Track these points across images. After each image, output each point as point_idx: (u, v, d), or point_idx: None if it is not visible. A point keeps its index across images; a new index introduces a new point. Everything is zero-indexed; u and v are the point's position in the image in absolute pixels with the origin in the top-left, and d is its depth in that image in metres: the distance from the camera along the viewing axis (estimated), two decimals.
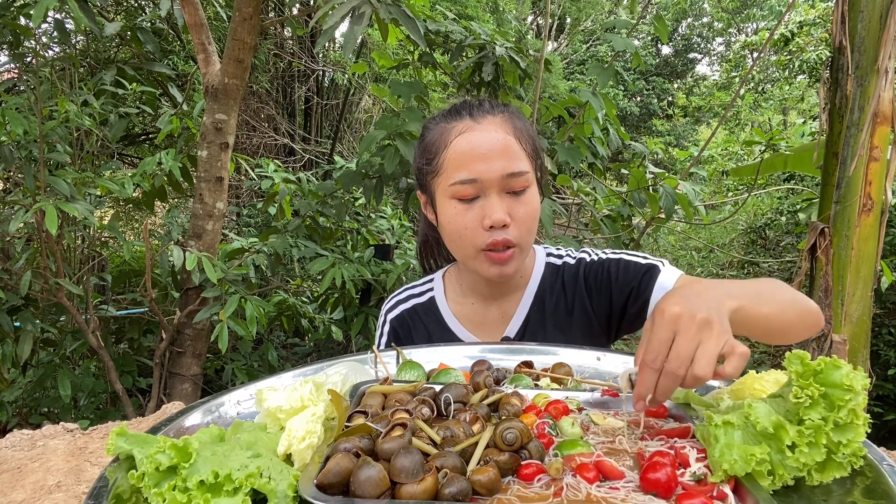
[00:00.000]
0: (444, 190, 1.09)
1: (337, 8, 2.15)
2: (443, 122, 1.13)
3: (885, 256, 3.74)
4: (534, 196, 1.10)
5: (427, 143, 1.14)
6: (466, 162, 1.06)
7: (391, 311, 1.30)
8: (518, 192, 1.07)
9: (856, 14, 2.20)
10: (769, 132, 3.76)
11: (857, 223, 2.20)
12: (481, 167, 1.05)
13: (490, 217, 1.05)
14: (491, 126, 1.08)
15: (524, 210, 1.08)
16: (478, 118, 1.09)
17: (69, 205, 2.37)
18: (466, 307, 1.25)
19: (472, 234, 1.08)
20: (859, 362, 2.25)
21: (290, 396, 0.70)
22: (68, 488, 0.83)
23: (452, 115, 1.13)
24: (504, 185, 1.06)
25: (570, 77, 12.64)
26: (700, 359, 0.67)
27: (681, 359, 0.67)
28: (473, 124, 1.09)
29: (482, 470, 0.57)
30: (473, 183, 1.06)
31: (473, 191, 1.06)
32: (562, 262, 1.24)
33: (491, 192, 1.06)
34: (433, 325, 1.25)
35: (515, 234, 1.07)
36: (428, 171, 1.13)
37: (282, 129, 6.58)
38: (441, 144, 1.10)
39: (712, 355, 0.67)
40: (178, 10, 3.02)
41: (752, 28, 15.62)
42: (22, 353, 2.65)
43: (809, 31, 8.32)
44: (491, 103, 1.14)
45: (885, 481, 0.57)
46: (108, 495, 0.56)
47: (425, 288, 1.31)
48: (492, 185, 1.06)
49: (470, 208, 1.07)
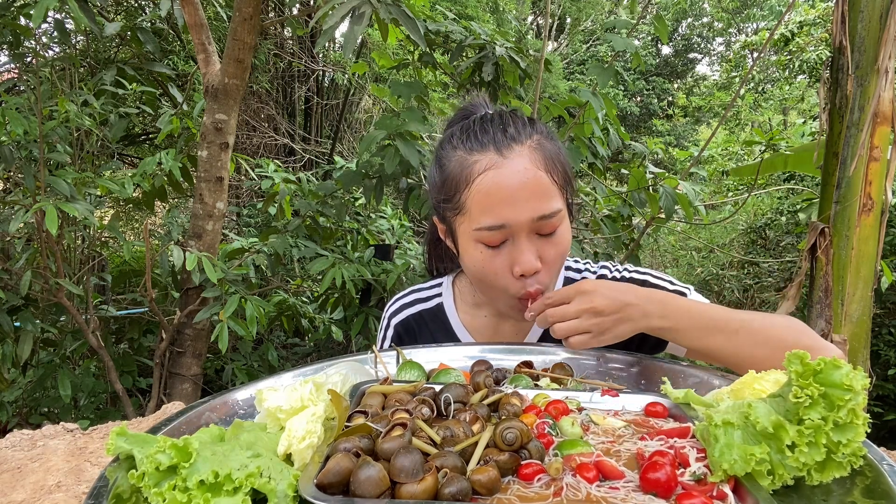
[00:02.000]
0: (468, 233, 1.00)
1: (337, 8, 2.15)
2: (463, 151, 1.01)
3: (885, 256, 3.74)
4: (565, 233, 1.02)
5: (447, 177, 1.02)
6: (492, 205, 0.96)
7: (395, 316, 1.24)
8: (549, 234, 1.00)
9: (856, 14, 2.20)
10: (769, 132, 3.76)
11: (858, 223, 2.20)
12: (509, 212, 0.96)
13: (520, 265, 0.98)
14: (519, 160, 0.97)
15: (555, 251, 1.00)
16: (504, 151, 0.98)
17: (69, 205, 2.37)
18: (479, 319, 1.20)
19: (503, 281, 1.01)
20: (859, 362, 2.25)
21: (290, 396, 0.70)
22: (68, 488, 0.83)
23: (474, 143, 1.00)
24: (534, 228, 0.98)
25: (570, 77, 12.64)
26: (578, 334, 0.89)
27: (565, 317, 0.92)
28: (499, 160, 0.97)
29: (482, 470, 0.57)
30: (501, 229, 0.97)
31: (501, 237, 0.98)
32: (580, 276, 1.18)
33: (520, 236, 0.98)
34: (440, 333, 1.20)
35: (546, 278, 1.01)
36: (447, 207, 1.03)
37: (282, 129, 6.58)
38: (462, 181, 0.99)
39: (589, 336, 0.89)
40: (178, 10, 3.02)
41: (752, 28, 15.63)
42: (22, 353, 2.65)
43: (809, 31, 8.32)
44: (517, 125, 1.02)
45: (884, 481, 0.57)
46: (108, 495, 0.56)
47: (433, 293, 1.25)
48: (521, 228, 0.97)
49: (498, 254, 0.99)
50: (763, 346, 0.90)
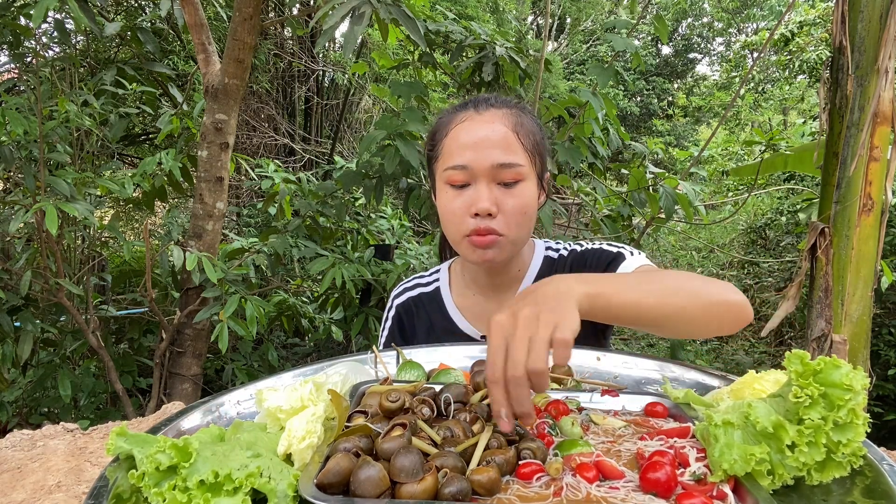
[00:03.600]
0: (441, 175, 1.13)
1: (337, 8, 2.15)
2: (451, 112, 1.17)
3: (885, 256, 3.74)
4: (526, 190, 1.10)
5: (433, 131, 1.19)
6: (461, 149, 1.09)
7: (398, 298, 1.33)
8: (509, 184, 1.08)
9: (856, 14, 2.20)
10: (769, 132, 3.76)
11: (858, 223, 2.20)
12: (473, 155, 1.07)
13: (476, 205, 1.07)
14: (491, 118, 1.11)
15: (513, 202, 1.08)
16: (481, 110, 1.12)
17: (69, 205, 2.37)
18: (468, 299, 1.27)
19: (459, 220, 1.10)
20: (859, 362, 2.25)
21: (290, 396, 0.70)
22: (68, 488, 0.83)
23: (461, 106, 1.17)
24: (494, 175, 1.07)
25: (570, 77, 12.64)
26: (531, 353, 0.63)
27: (516, 362, 0.63)
28: (475, 115, 1.12)
29: (482, 470, 0.57)
30: (464, 170, 1.08)
31: (464, 177, 1.08)
32: (557, 255, 1.26)
33: (481, 180, 1.08)
34: (436, 314, 1.27)
35: (501, 225, 1.08)
36: (431, 156, 1.18)
37: (282, 129, 6.58)
38: (443, 131, 1.14)
39: (541, 348, 0.64)
40: (178, 10, 3.02)
41: (752, 28, 15.63)
42: (22, 353, 2.65)
43: (809, 31, 8.32)
44: (500, 99, 1.16)
45: (884, 481, 0.57)
46: (108, 495, 0.56)
47: (432, 278, 1.34)
48: (482, 173, 1.07)
49: (460, 195, 1.09)
50: (687, 300, 0.85)
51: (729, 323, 0.90)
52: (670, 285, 0.87)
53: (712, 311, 0.88)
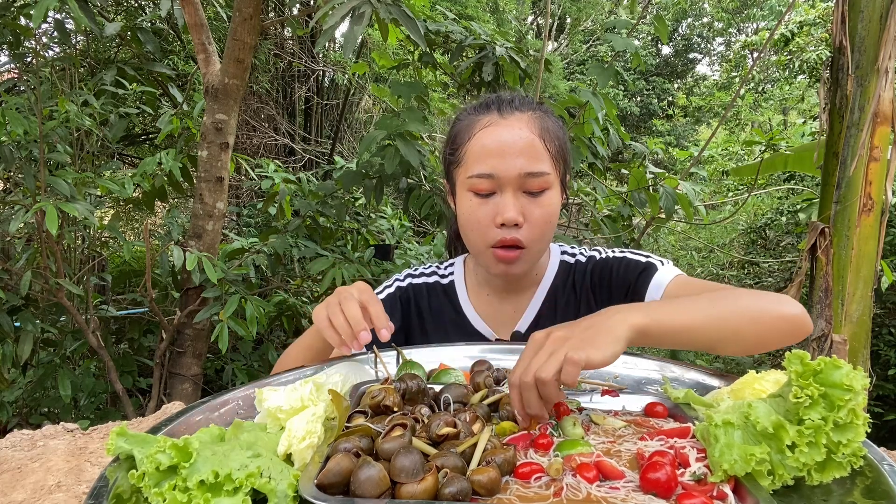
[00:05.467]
0: (463, 182, 1.09)
1: (337, 8, 2.15)
2: (472, 113, 1.13)
3: (885, 256, 3.74)
4: (552, 199, 1.08)
5: (454, 133, 1.15)
6: (486, 156, 1.05)
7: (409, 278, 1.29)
8: (535, 194, 1.06)
9: (856, 14, 2.20)
10: (769, 132, 3.76)
11: (858, 223, 2.20)
12: (499, 163, 1.04)
13: (502, 215, 1.04)
14: (516, 123, 1.07)
15: (539, 212, 1.06)
16: (505, 114, 1.09)
17: (69, 205, 2.37)
18: (482, 298, 1.25)
19: (484, 230, 1.07)
20: (859, 362, 2.25)
21: (290, 396, 0.70)
22: (68, 488, 0.83)
23: (482, 107, 1.12)
24: (521, 184, 1.05)
25: (570, 77, 12.63)
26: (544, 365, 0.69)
27: (529, 369, 0.70)
28: (499, 119, 1.08)
29: (482, 470, 0.57)
30: (490, 178, 1.05)
31: (490, 186, 1.06)
32: (574, 260, 1.24)
33: (507, 189, 1.05)
34: (448, 307, 1.25)
35: (526, 236, 1.06)
36: (451, 160, 1.14)
37: (282, 129, 6.58)
38: (465, 136, 1.10)
39: (555, 362, 0.69)
40: (178, 10, 3.02)
41: (752, 28, 15.63)
42: (22, 353, 2.65)
43: (809, 31, 8.32)
44: (522, 100, 1.13)
45: (885, 481, 0.57)
46: (109, 495, 0.56)
47: (448, 271, 1.31)
48: (509, 182, 1.05)
49: (485, 203, 1.07)
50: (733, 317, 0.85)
51: (787, 337, 0.90)
52: (725, 307, 0.87)
53: (768, 327, 0.87)
